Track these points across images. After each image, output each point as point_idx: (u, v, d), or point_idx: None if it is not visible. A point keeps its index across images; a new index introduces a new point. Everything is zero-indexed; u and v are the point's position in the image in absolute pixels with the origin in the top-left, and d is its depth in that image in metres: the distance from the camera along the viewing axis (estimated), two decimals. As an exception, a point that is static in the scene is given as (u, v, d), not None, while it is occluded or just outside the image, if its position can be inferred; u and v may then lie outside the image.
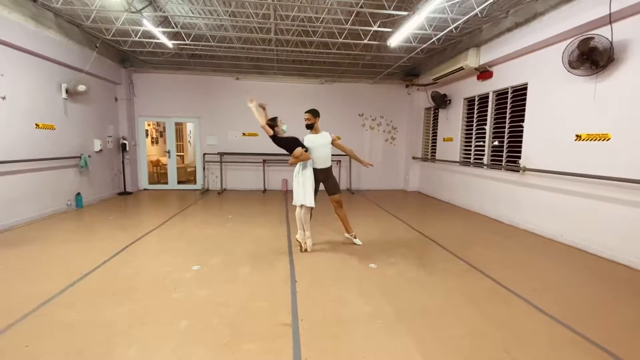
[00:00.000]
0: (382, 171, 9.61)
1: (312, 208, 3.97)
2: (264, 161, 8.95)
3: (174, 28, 6.13)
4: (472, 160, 6.76)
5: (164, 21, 6.11)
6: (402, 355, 2.07)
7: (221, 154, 8.73)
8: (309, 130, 4.05)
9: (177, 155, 9.57)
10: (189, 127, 11.50)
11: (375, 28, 5.58)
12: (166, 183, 9.15)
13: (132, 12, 5.08)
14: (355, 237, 4.30)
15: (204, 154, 8.83)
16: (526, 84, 5.22)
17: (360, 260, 3.73)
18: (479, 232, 5.05)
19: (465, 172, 6.96)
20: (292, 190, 4.07)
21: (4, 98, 4.69)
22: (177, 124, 9.29)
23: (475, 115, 6.65)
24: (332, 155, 4.12)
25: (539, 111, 4.97)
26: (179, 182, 9.18)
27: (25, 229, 4.78)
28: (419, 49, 6.69)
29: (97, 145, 6.98)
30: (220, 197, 7.91)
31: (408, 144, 9.51)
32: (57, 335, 2.21)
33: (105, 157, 7.43)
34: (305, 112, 4.02)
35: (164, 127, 9.49)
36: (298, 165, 3.94)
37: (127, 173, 8.17)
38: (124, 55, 7.80)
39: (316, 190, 4.04)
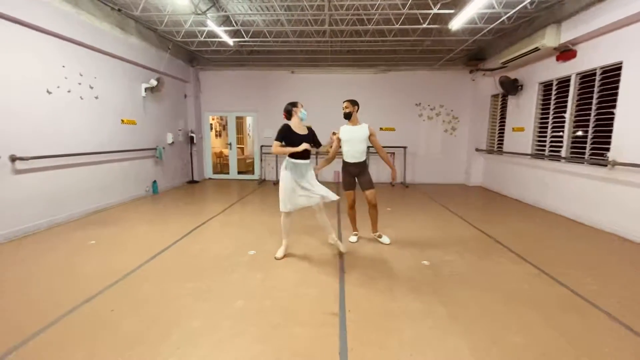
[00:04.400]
0: (441, 164, 9.07)
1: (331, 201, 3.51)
2: (317, 153, 9.05)
3: (234, 26, 6.48)
4: (547, 153, 6.02)
5: (226, 20, 6.49)
6: (455, 357, 1.96)
7: (277, 146, 9.06)
8: (346, 121, 3.87)
9: (238, 147, 10.18)
10: (249, 120, 12.14)
11: (435, 10, 5.23)
12: (228, 173, 9.83)
13: (198, 14, 5.49)
14: (380, 237, 4.06)
15: (261, 146, 9.27)
16: (620, 63, 4.45)
17: (412, 256, 3.60)
18: (552, 234, 4.51)
19: (538, 165, 6.23)
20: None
21: (97, 97, 5.45)
22: (237, 117, 9.86)
23: (552, 102, 5.88)
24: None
25: (637, 95, 4.20)
26: (239, 172, 9.79)
27: (114, 210, 5.55)
28: (485, 30, 6.10)
29: (169, 138, 7.77)
30: (275, 187, 8.25)
31: (471, 135, 8.81)
32: (135, 303, 2.54)
33: (176, 149, 8.23)
34: (344, 101, 3.87)
35: (226, 121, 10.17)
36: (286, 160, 3.40)
37: (195, 163, 8.97)
38: (192, 54, 8.48)
39: (353, 185, 3.94)
